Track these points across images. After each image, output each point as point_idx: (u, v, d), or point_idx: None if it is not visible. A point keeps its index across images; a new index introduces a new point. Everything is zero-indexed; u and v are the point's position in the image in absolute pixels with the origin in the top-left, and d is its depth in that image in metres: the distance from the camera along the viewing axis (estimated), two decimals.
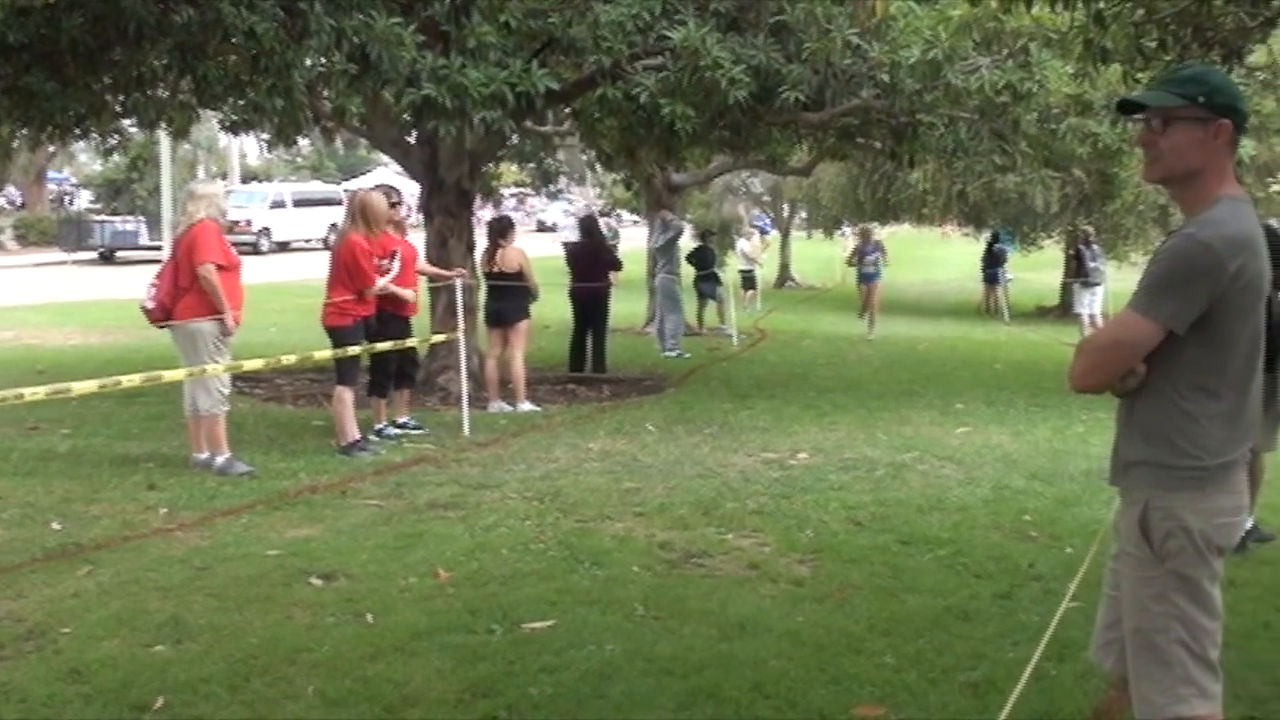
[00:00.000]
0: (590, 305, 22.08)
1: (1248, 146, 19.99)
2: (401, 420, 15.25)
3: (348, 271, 14.01)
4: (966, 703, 6.94)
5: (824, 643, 7.88)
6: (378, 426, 15.02)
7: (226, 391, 13.12)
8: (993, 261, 45.21)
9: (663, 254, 27.23)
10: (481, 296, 18.38)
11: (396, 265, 14.61)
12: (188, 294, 12.77)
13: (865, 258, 28.97)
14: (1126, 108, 5.11)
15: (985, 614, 8.55)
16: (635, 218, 56.17)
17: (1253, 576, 9.56)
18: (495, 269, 17.73)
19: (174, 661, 7.40)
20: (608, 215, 52.31)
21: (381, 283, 14.24)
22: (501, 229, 18.21)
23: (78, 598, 8.68)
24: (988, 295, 45.57)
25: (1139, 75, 11.03)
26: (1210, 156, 4.79)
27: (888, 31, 16.76)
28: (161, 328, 13.18)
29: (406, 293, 14.84)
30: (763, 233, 56.62)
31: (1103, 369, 4.89)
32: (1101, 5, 9.91)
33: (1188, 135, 4.77)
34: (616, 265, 22.97)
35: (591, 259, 22.58)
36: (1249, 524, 10.39)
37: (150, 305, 13.04)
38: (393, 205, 15.01)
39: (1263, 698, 7.10)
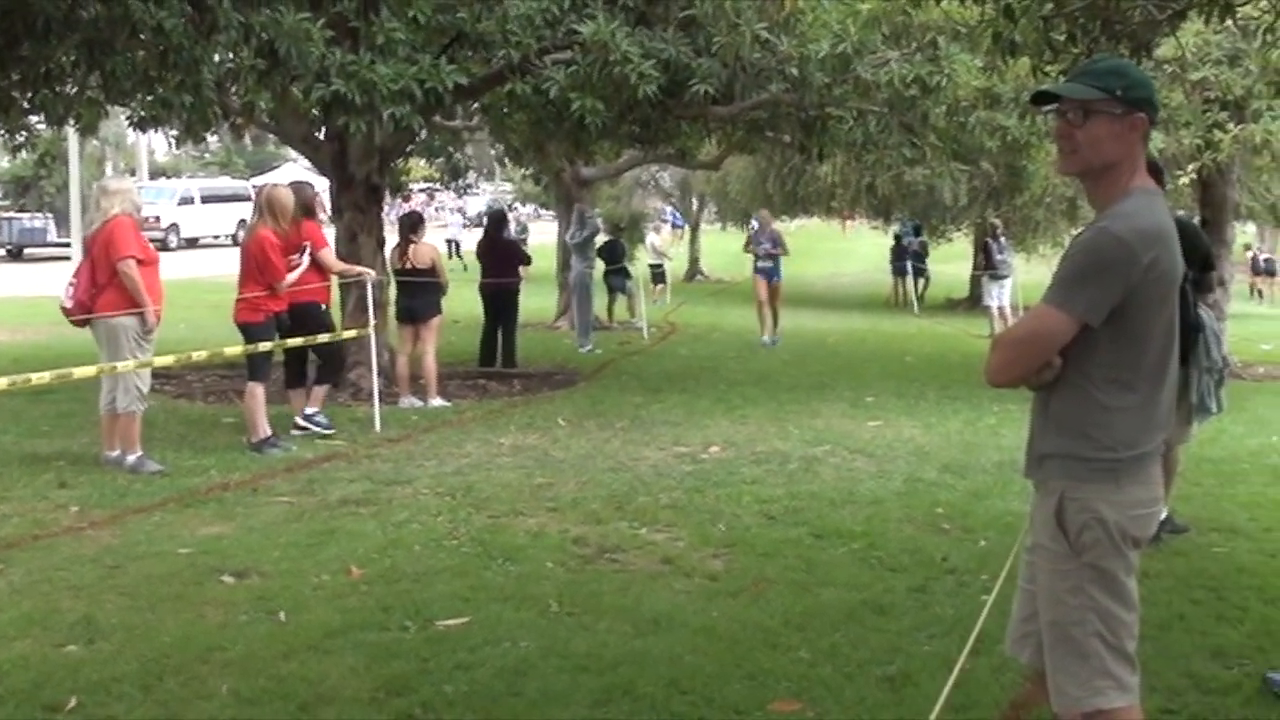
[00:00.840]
0: (500, 300, 22.01)
1: (1156, 139, 20.10)
2: (310, 411, 15.09)
3: (258, 267, 13.93)
4: (883, 696, 6.95)
5: (739, 638, 7.89)
6: (309, 411, 14.97)
7: (145, 389, 13.03)
8: (901, 254, 45.45)
9: (580, 249, 27.14)
10: (392, 293, 18.31)
11: (306, 260, 14.53)
12: (107, 290, 12.67)
13: (759, 246, 28.87)
14: (1042, 99, 5.13)
15: (900, 607, 8.58)
16: (546, 212, 56.10)
17: (1167, 568, 9.62)
18: (408, 265, 17.67)
19: (86, 661, 7.34)
20: (514, 210, 52.34)
21: (291, 277, 14.17)
22: (413, 225, 18.17)
23: None
24: (896, 287, 45.82)
25: (1048, 68, 11.07)
26: (1126, 149, 4.81)
27: (797, 25, 16.79)
28: (81, 325, 13.08)
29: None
30: (674, 227, 56.72)
31: (1018, 363, 4.90)
32: None
33: (1106, 128, 4.78)
34: (525, 260, 22.95)
35: (500, 253, 22.51)
36: (1163, 515, 10.49)
37: (69, 305, 12.95)
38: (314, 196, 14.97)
39: (1178, 689, 7.15)
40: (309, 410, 15.02)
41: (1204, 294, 10.55)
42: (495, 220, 24.45)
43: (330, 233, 17.39)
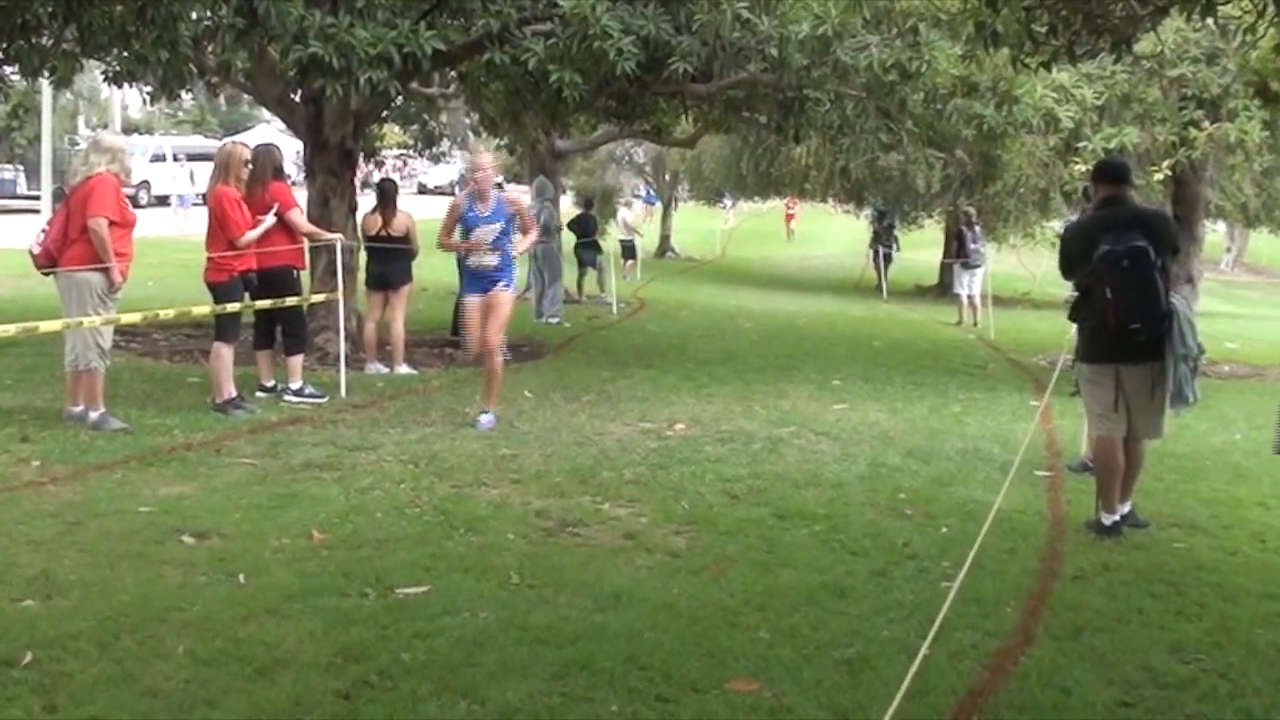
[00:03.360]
0: None
1: (1130, 135, 20.15)
2: (296, 385, 15.04)
3: (219, 223, 13.91)
4: (841, 679, 6.94)
5: (699, 615, 7.88)
6: (267, 384, 14.95)
7: (107, 346, 12.98)
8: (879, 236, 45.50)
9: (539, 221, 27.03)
10: (362, 259, 18.27)
11: (270, 220, 14.43)
12: (75, 244, 12.62)
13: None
14: None
15: (860, 591, 8.57)
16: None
17: (1127, 562, 9.64)
18: (384, 232, 17.63)
19: (43, 617, 7.31)
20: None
21: (253, 234, 14.08)
22: (389, 193, 18.15)
23: None
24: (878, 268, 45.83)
25: (1028, 60, 11.09)
26: None
27: (777, 6, 16.80)
28: (46, 274, 13.03)
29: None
30: (647, 203, 56.68)
31: None
32: None
33: None
34: None
35: None
36: (1126, 508, 10.53)
37: (37, 251, 12.90)
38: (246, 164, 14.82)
39: (1136, 683, 7.16)
40: (294, 384, 14.97)
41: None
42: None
43: (302, 195, 17.34)
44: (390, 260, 17.67)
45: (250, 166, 14.39)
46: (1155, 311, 10.00)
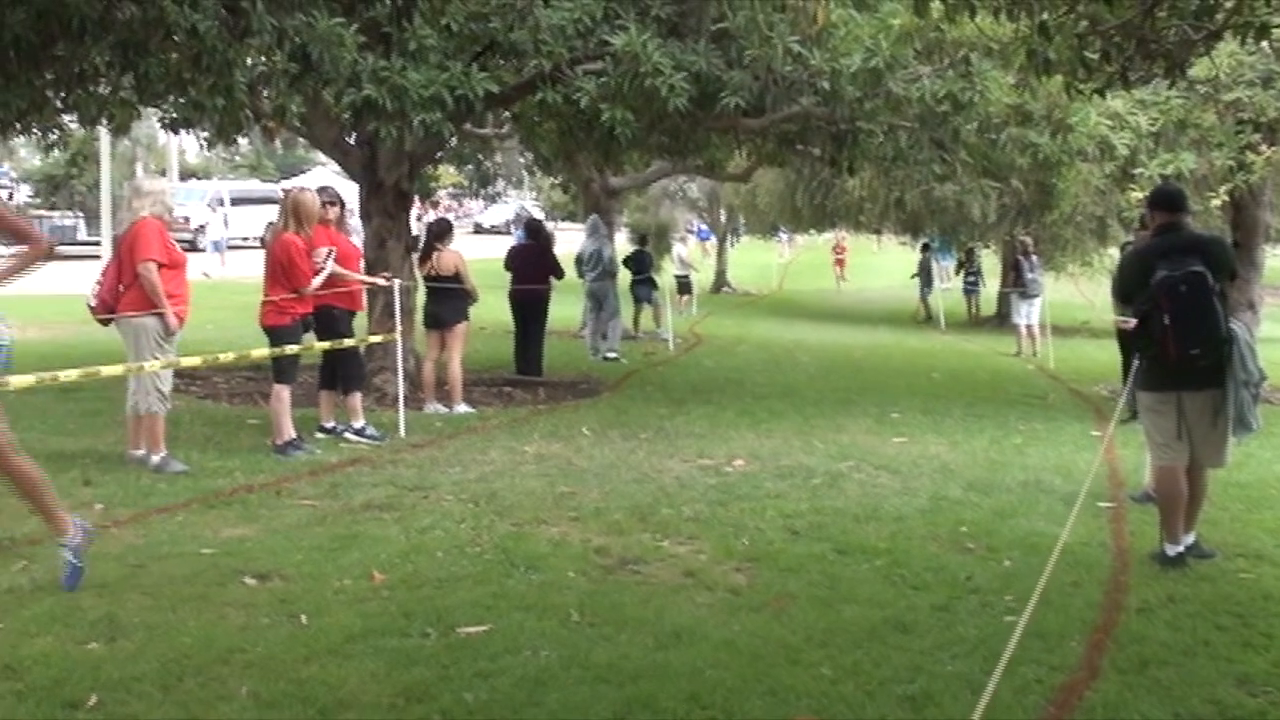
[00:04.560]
0: (529, 307, 22.01)
1: (1187, 160, 20.06)
2: (358, 426, 15.08)
3: (283, 270, 13.95)
4: (904, 715, 6.91)
5: (760, 653, 7.86)
6: (327, 425, 14.98)
7: (167, 390, 13.01)
8: (970, 270, 45.33)
9: (594, 260, 27.03)
10: (420, 299, 18.30)
11: (330, 264, 14.50)
12: (129, 291, 12.70)
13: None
14: None
15: (923, 626, 8.53)
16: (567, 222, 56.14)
17: (1193, 593, 9.56)
18: (432, 272, 17.65)
19: (107, 659, 7.33)
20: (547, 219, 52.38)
21: (316, 282, 14.16)
22: (439, 232, 18.14)
23: (11, 594, 8.61)
24: (969, 303, 45.60)
25: (1081, 87, 11.05)
26: None
27: (829, 39, 16.76)
28: (105, 324, 13.13)
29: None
30: (701, 239, 56.63)
31: None
32: (1045, 16, 9.93)
33: None
34: (558, 273, 22.81)
35: (534, 261, 22.49)
36: (1190, 539, 10.45)
37: (93, 303, 13.03)
38: (326, 205, 14.92)
39: (1203, 717, 7.11)
40: (356, 424, 15.02)
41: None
42: (531, 228, 24.47)
43: (358, 240, 17.41)
44: (442, 300, 17.65)
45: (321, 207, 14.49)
46: (1215, 336, 9.94)
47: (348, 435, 14.87)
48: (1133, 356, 10.88)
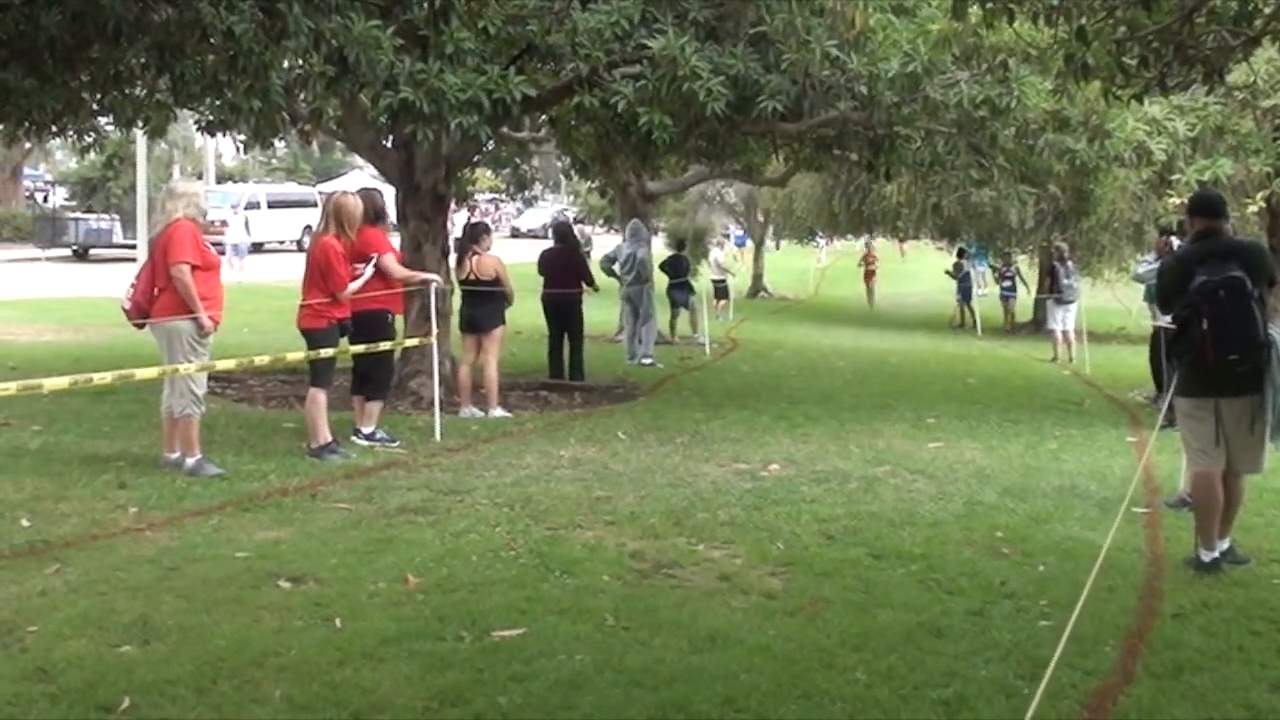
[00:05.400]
0: (563, 311, 21.98)
1: (1224, 166, 20.00)
2: (368, 430, 15.06)
3: (321, 274, 13.96)
4: None
5: (795, 657, 7.85)
6: (367, 431, 14.98)
7: (201, 393, 13.01)
8: (1004, 276, 45.15)
9: (632, 263, 26.99)
10: (455, 302, 18.28)
11: (370, 270, 14.50)
12: (164, 294, 12.69)
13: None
14: None
15: (957, 631, 8.51)
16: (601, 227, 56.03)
17: (1227, 599, 9.54)
18: (470, 276, 17.64)
19: (141, 662, 7.35)
20: (580, 222, 52.40)
21: (353, 287, 14.17)
22: (476, 235, 18.12)
23: (45, 596, 8.63)
24: (1005, 309, 45.31)
25: (1119, 92, 11.02)
26: None
27: (867, 44, 16.73)
28: (140, 327, 13.14)
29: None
30: (737, 244, 56.45)
31: None
32: (1084, 21, 9.90)
33: None
34: (589, 279, 22.78)
35: (565, 265, 22.47)
36: (1225, 545, 10.41)
37: (128, 306, 13.03)
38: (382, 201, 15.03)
39: None
40: (367, 430, 14.99)
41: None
42: (560, 232, 24.45)
43: (394, 240, 17.43)
44: (480, 304, 17.63)
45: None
46: (1253, 342, 9.90)
47: (356, 440, 14.83)
48: (1161, 362, 10.86)
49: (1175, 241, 17.34)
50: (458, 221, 37.85)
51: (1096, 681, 7.52)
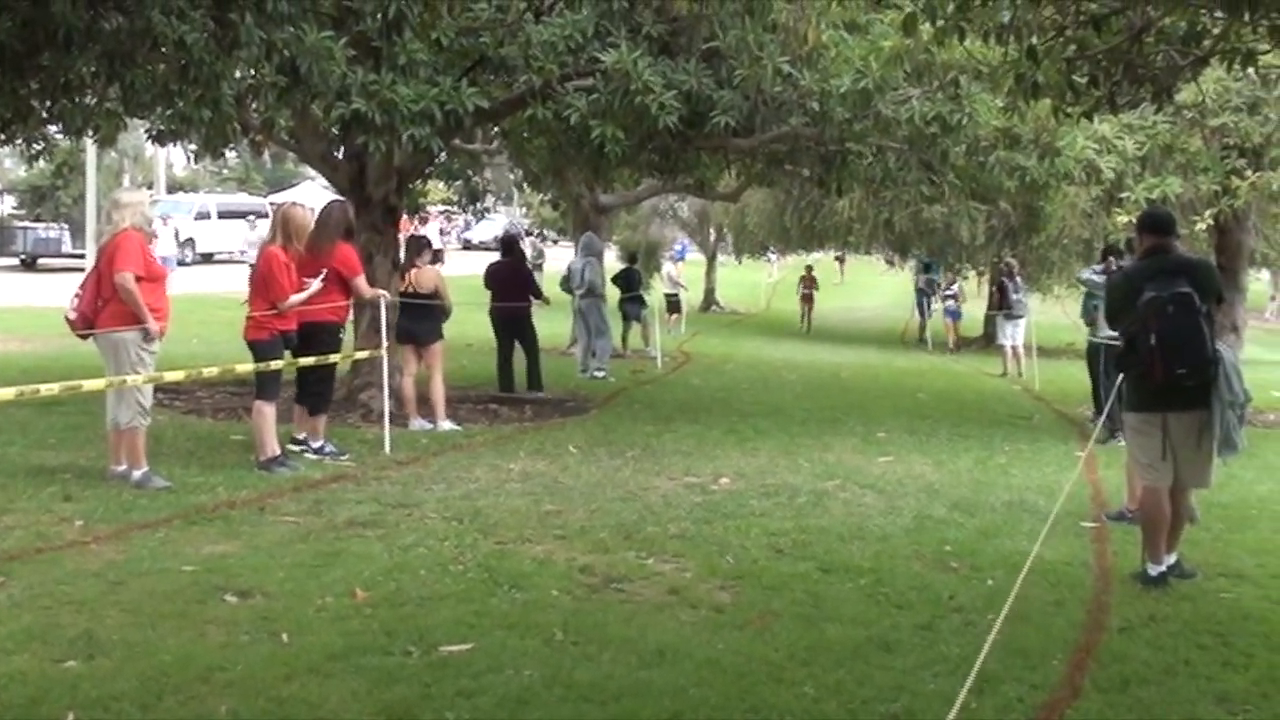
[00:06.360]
0: (512, 325, 21.94)
1: (1174, 185, 20.11)
2: (316, 445, 15.02)
3: (264, 283, 13.92)
4: None
5: (744, 671, 7.84)
6: (299, 436, 14.93)
7: (148, 404, 12.94)
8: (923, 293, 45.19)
9: (582, 277, 26.96)
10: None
11: (317, 284, 14.43)
12: (110, 304, 12.63)
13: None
14: None
15: (906, 645, 8.53)
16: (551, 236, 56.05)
17: (1173, 613, 9.59)
18: (410, 288, 17.60)
19: (85, 677, 7.29)
20: (532, 234, 52.41)
21: (294, 299, 14.09)
22: (418, 248, 18.10)
23: None
24: (947, 327, 44.89)
25: (1069, 110, 11.06)
26: None
27: (819, 60, 16.77)
28: (84, 337, 13.07)
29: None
30: (676, 259, 56.42)
31: None
32: (1034, 40, 9.93)
33: None
34: (537, 293, 22.76)
35: (512, 278, 22.44)
36: (1172, 559, 10.47)
37: (73, 316, 12.93)
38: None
39: None
40: (315, 444, 14.94)
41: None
42: (507, 245, 24.41)
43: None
44: (418, 317, 17.54)
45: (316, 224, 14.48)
46: (1201, 357, 9.96)
47: (307, 454, 14.78)
48: (1101, 379, 10.93)
49: (1114, 263, 17.48)
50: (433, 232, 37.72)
51: (1044, 695, 7.54)
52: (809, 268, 52.98)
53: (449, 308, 17.75)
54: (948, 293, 44.37)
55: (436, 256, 18.02)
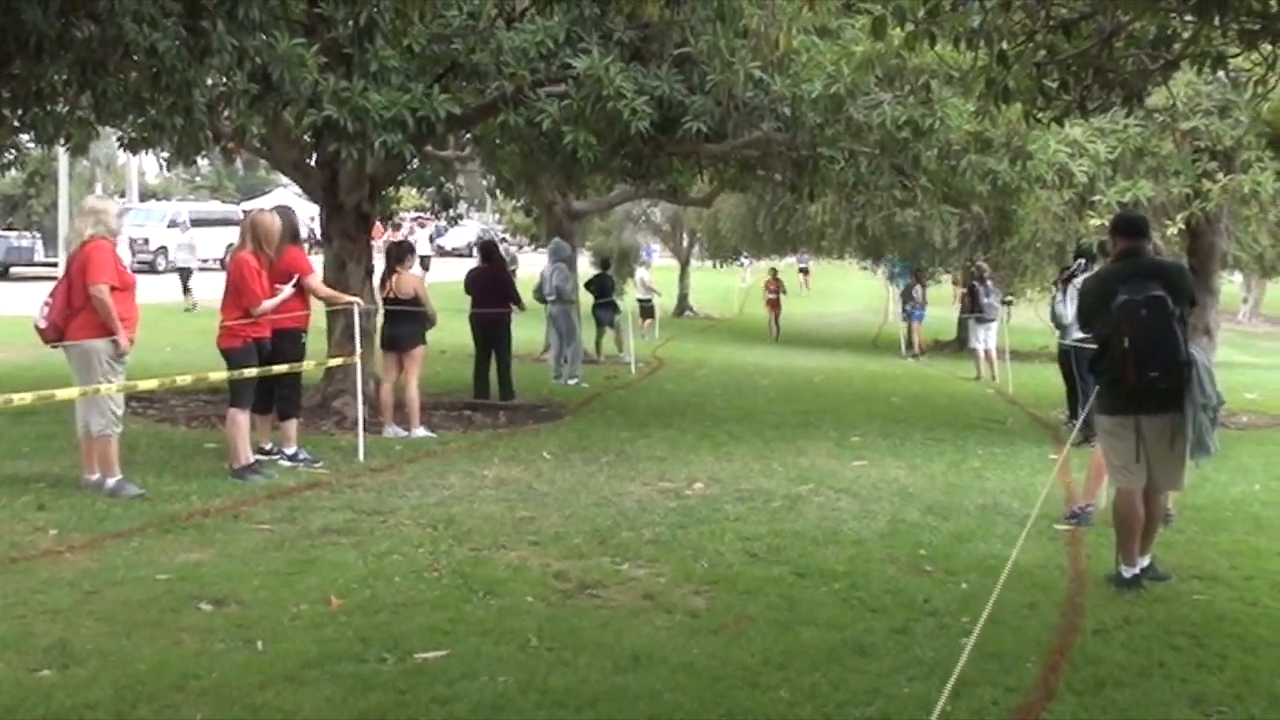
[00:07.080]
0: (491, 331, 21.95)
1: (1145, 188, 20.13)
2: (290, 451, 15.01)
3: (236, 290, 13.91)
4: None
5: (719, 675, 7.85)
6: (266, 446, 14.91)
7: (120, 412, 12.92)
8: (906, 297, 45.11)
9: (552, 283, 26.96)
10: (379, 320, 18.23)
11: (289, 290, 14.42)
12: (81, 313, 12.60)
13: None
14: None
15: (881, 649, 8.54)
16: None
17: (1148, 615, 9.62)
18: (390, 294, 17.60)
19: (60, 686, 7.28)
20: (506, 241, 52.38)
21: (269, 304, 14.07)
22: (399, 255, 18.08)
23: None
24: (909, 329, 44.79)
25: (1040, 115, 11.09)
26: None
27: (790, 65, 16.79)
28: (55, 347, 13.04)
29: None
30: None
31: None
32: (1004, 45, 9.95)
33: None
34: (516, 299, 22.77)
35: (491, 284, 22.44)
36: (1146, 561, 10.49)
37: (43, 325, 12.89)
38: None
39: None
40: (289, 450, 14.92)
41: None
42: (486, 251, 24.38)
43: (318, 260, 17.36)
44: (400, 323, 17.58)
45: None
46: (1175, 360, 9.98)
47: (282, 462, 14.76)
48: (1077, 381, 10.96)
49: (1083, 264, 17.61)
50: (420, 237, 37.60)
51: (1019, 698, 7.56)
52: (774, 270, 52.72)
53: (433, 314, 17.73)
54: (912, 295, 44.24)
55: (424, 263, 18.01)
